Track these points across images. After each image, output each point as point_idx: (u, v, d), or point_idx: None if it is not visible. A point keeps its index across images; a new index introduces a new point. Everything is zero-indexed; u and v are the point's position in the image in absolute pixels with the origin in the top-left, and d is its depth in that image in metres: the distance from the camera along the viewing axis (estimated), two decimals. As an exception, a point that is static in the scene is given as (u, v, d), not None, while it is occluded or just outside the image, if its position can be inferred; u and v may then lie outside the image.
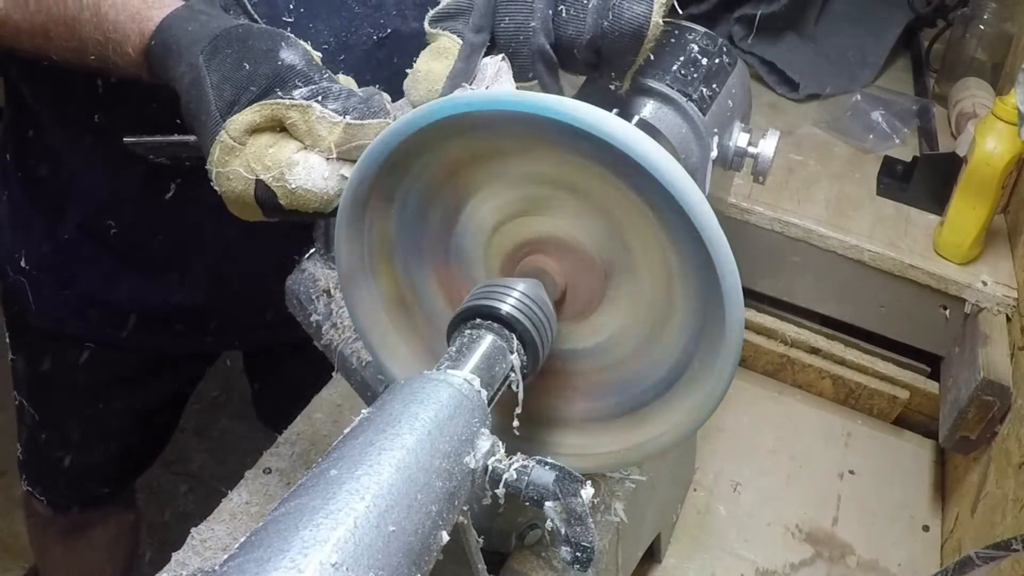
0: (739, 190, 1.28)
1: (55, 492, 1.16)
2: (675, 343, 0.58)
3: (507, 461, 0.47)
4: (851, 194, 1.35)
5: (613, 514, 0.74)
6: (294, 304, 0.75)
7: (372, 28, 0.77)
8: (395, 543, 0.39)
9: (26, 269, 0.95)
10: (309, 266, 0.76)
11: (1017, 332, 1.13)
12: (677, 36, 0.74)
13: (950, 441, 1.11)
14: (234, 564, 0.36)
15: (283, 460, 0.86)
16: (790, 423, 1.28)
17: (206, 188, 0.57)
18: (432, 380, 0.48)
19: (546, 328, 0.56)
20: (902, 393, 1.29)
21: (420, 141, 0.52)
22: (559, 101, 0.48)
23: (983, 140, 1.14)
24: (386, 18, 0.79)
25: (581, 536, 0.46)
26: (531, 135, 0.51)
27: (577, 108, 0.48)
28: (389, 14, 0.79)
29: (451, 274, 0.62)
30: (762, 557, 1.08)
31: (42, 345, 1.02)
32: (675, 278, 0.55)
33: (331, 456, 0.42)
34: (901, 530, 1.15)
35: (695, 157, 0.69)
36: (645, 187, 0.50)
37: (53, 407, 1.08)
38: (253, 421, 1.28)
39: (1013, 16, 1.56)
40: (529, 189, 0.56)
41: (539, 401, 0.64)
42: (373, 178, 0.55)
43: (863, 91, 1.57)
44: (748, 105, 0.79)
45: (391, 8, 0.79)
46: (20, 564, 1.70)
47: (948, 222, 1.22)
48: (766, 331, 1.34)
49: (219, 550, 0.77)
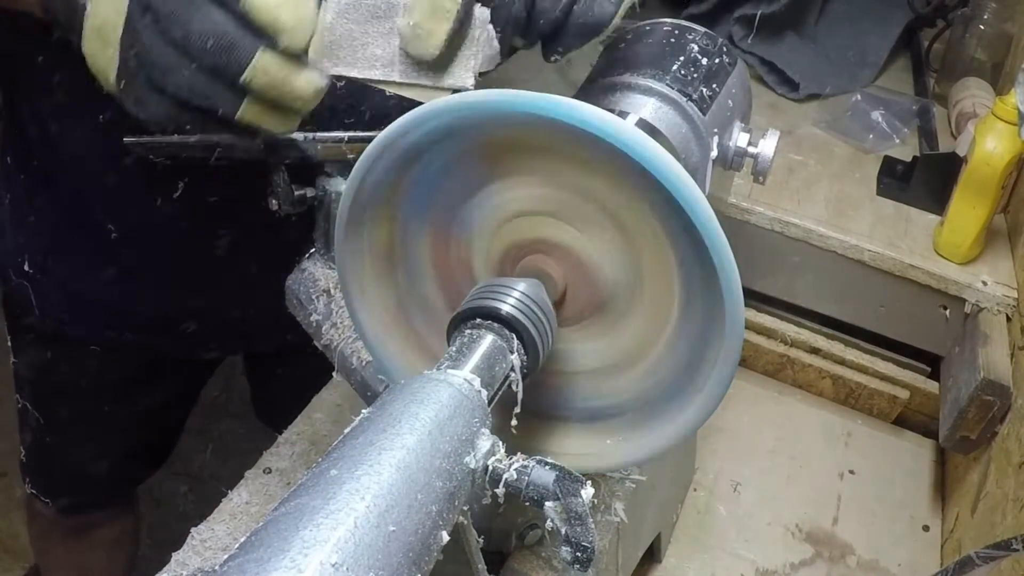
0: (739, 190, 1.28)
1: (60, 495, 1.16)
2: (675, 343, 0.58)
3: (507, 461, 0.47)
4: (851, 194, 1.35)
5: (613, 514, 0.74)
6: (294, 304, 0.75)
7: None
8: (395, 543, 0.39)
9: (29, 273, 0.95)
10: (309, 266, 0.76)
11: (1017, 332, 1.13)
12: (677, 36, 0.74)
13: (950, 441, 1.11)
14: (234, 564, 0.36)
15: (283, 460, 0.86)
16: (790, 423, 1.28)
17: (210, 190, 0.57)
18: (432, 380, 0.48)
19: (546, 328, 0.56)
20: (902, 393, 1.29)
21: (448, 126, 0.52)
22: (563, 103, 0.48)
23: (983, 140, 1.14)
24: None
25: (581, 536, 0.46)
26: (557, 137, 0.51)
27: (576, 108, 0.48)
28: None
29: (449, 255, 0.62)
30: (762, 557, 1.08)
31: (46, 348, 1.02)
32: (675, 279, 0.55)
33: (331, 456, 0.42)
34: (901, 530, 1.15)
35: (695, 157, 0.69)
36: (645, 187, 0.50)
37: (58, 410, 1.07)
38: (253, 421, 1.28)
39: (1013, 16, 1.56)
40: (563, 194, 0.56)
41: (539, 401, 0.64)
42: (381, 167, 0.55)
43: (863, 91, 1.57)
44: (748, 105, 0.79)
45: None
46: (20, 564, 1.70)
47: (948, 222, 1.22)
48: (766, 331, 1.34)
49: (219, 550, 0.77)
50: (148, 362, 1.03)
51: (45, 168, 0.89)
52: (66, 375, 1.03)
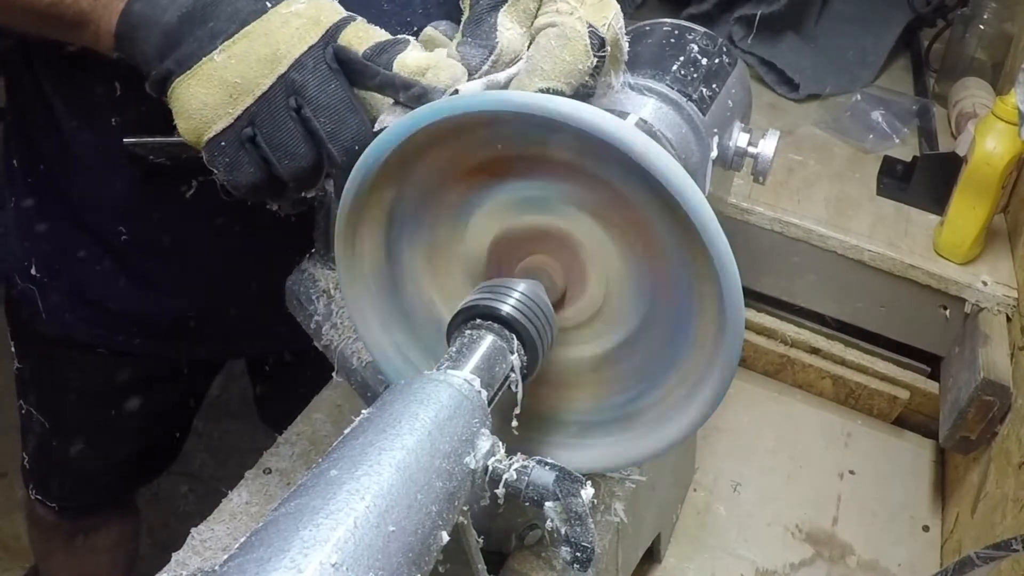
0: (739, 190, 1.28)
1: (64, 498, 1.16)
2: (674, 344, 0.58)
3: (507, 461, 0.47)
4: (851, 194, 1.35)
5: (613, 514, 0.74)
6: (294, 304, 0.75)
7: (400, 25, 0.77)
8: (395, 543, 0.39)
9: (36, 277, 0.94)
10: (309, 266, 0.76)
11: (1017, 332, 1.13)
12: (677, 36, 0.74)
13: (950, 441, 1.11)
14: (234, 564, 0.36)
15: (283, 460, 0.86)
16: (790, 423, 1.28)
17: (213, 193, 0.57)
18: (432, 380, 0.48)
19: (546, 328, 0.56)
20: (902, 393, 1.29)
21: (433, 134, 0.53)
22: (565, 104, 0.48)
23: (983, 140, 1.14)
24: (412, 16, 0.79)
25: (581, 536, 0.46)
26: (556, 138, 0.51)
27: (577, 109, 0.48)
28: (415, 12, 0.79)
29: (447, 254, 0.62)
30: (762, 557, 1.08)
31: (52, 352, 1.02)
32: (675, 279, 0.55)
33: (331, 456, 0.42)
34: (901, 530, 1.15)
35: (695, 157, 0.69)
36: (645, 188, 0.50)
37: (64, 414, 1.07)
38: (253, 421, 1.28)
39: (1013, 16, 1.56)
40: (561, 194, 0.56)
41: (539, 402, 0.64)
42: (380, 169, 0.55)
43: (863, 91, 1.57)
44: (748, 105, 0.79)
45: (417, 7, 0.79)
46: (20, 564, 1.70)
47: (948, 222, 1.22)
48: (766, 331, 1.34)
49: (219, 550, 0.77)
50: (155, 365, 1.03)
51: (52, 173, 0.89)
52: (72, 379, 1.03)
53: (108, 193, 0.87)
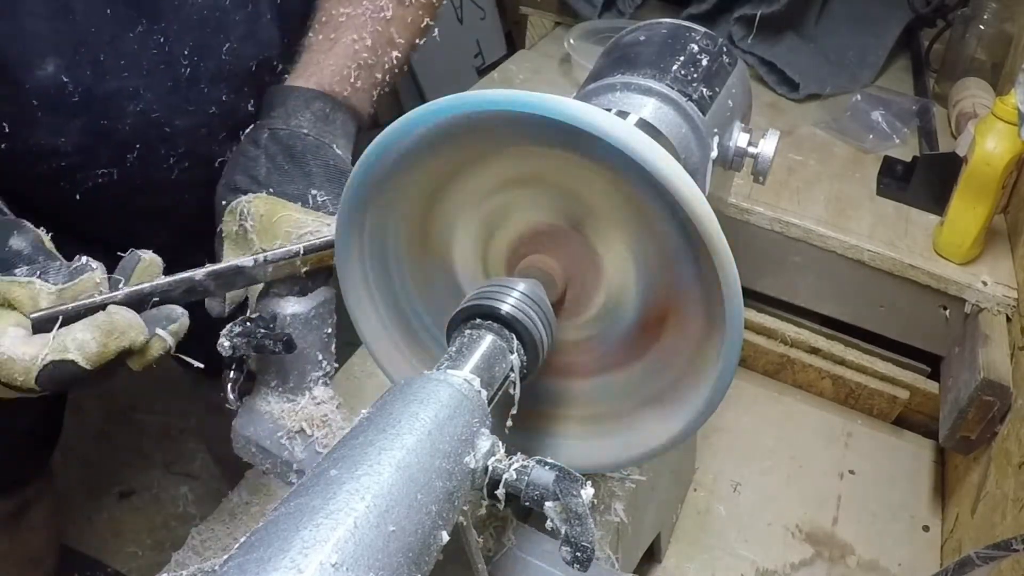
0: (739, 190, 1.28)
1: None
2: (674, 344, 0.58)
3: (507, 461, 0.47)
4: (851, 194, 1.35)
5: (613, 514, 0.74)
6: (251, 452, 0.69)
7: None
8: (395, 543, 0.39)
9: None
10: (259, 405, 0.69)
11: (1017, 332, 1.13)
12: (677, 36, 0.74)
13: (950, 441, 1.11)
14: (234, 564, 0.36)
15: (283, 460, 0.86)
16: (790, 423, 1.28)
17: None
18: (432, 380, 0.48)
19: (546, 328, 0.56)
20: (902, 393, 1.29)
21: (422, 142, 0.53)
22: (565, 104, 0.48)
23: (983, 140, 1.14)
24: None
25: (581, 536, 0.46)
26: (556, 137, 0.51)
27: (575, 108, 0.48)
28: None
29: (446, 254, 0.62)
30: (762, 557, 1.08)
31: None
32: (674, 279, 0.55)
33: (331, 456, 0.42)
34: (901, 530, 1.15)
35: (695, 157, 0.69)
36: (644, 187, 0.50)
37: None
38: (253, 421, 1.28)
39: (1013, 16, 1.56)
40: (560, 194, 0.56)
41: (538, 401, 0.64)
42: (374, 177, 0.55)
43: (863, 91, 1.58)
44: (748, 105, 0.79)
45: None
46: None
47: (948, 222, 1.22)
48: (766, 331, 1.34)
49: (219, 550, 0.77)
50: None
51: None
52: None
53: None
